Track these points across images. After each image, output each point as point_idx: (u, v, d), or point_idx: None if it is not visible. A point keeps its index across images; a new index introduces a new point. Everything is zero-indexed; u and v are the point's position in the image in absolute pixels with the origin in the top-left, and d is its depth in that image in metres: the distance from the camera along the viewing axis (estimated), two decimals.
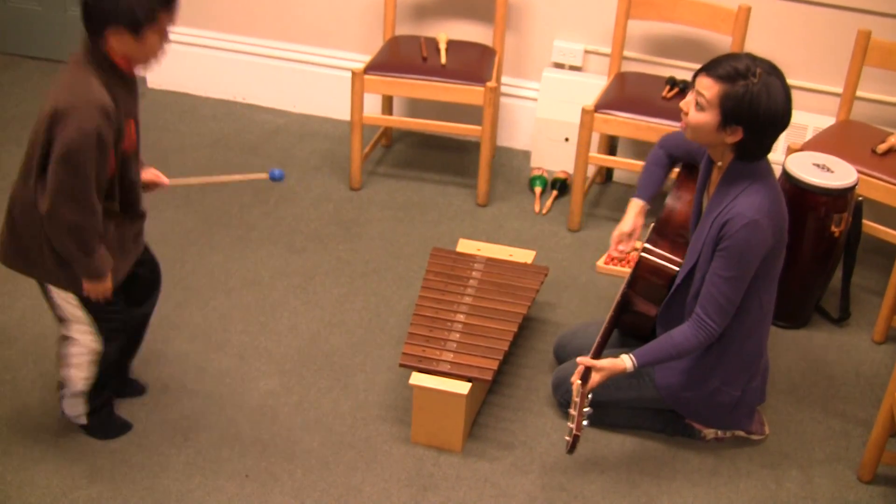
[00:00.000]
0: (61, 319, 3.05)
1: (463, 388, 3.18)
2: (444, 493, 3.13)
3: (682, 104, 3.01)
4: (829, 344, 3.91)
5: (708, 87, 2.91)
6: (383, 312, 3.90)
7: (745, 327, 3.14)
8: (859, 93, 4.35)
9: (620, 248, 3.47)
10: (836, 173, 3.74)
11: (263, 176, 3.31)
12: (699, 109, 2.94)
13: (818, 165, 3.78)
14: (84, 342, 3.07)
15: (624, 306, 3.38)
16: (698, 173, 3.29)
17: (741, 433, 3.38)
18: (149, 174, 3.16)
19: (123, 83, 2.84)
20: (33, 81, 5.48)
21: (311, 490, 3.11)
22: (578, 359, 3.10)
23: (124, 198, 2.96)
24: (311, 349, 3.66)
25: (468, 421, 3.30)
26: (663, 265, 3.28)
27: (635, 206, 3.49)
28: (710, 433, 3.37)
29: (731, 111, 2.88)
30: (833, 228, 3.74)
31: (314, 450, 3.25)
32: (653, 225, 3.41)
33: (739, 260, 2.97)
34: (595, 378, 3.08)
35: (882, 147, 4.01)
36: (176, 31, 5.29)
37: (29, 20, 5.60)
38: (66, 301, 3.00)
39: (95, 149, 2.70)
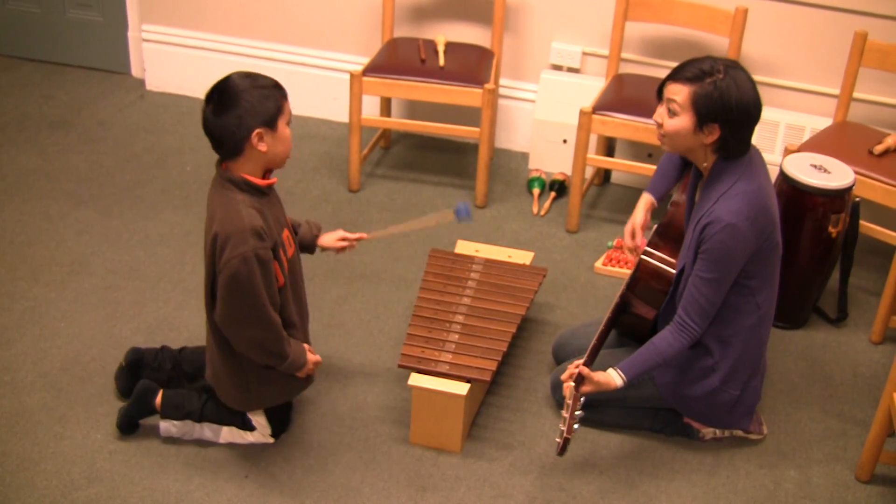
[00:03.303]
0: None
1: (462, 388, 3.18)
2: (443, 493, 3.13)
3: (655, 116, 3.05)
4: (827, 344, 3.91)
5: (677, 92, 2.95)
6: (382, 314, 3.90)
7: (746, 328, 3.14)
8: (856, 94, 4.36)
9: (635, 241, 3.46)
10: (833, 174, 3.75)
11: (450, 216, 3.43)
12: (673, 116, 2.98)
13: (815, 166, 3.79)
14: (256, 441, 3.27)
15: (622, 308, 3.38)
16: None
17: (739, 433, 3.39)
18: (337, 243, 3.38)
19: (264, 198, 2.97)
20: (32, 84, 5.49)
21: (311, 491, 3.11)
22: (576, 366, 3.10)
23: (297, 301, 3.15)
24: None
25: (467, 421, 3.30)
26: (663, 269, 3.29)
27: (644, 200, 3.49)
28: (708, 433, 3.38)
29: (704, 109, 2.92)
30: (830, 229, 3.75)
31: (313, 450, 3.25)
32: (655, 227, 3.41)
33: (718, 263, 2.99)
34: (585, 388, 3.09)
35: (879, 148, 4.02)
36: (175, 34, 5.33)
37: (28, 22, 5.61)
38: (255, 417, 3.23)
39: (259, 270, 2.84)
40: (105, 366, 3.48)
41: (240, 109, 2.82)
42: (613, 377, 3.11)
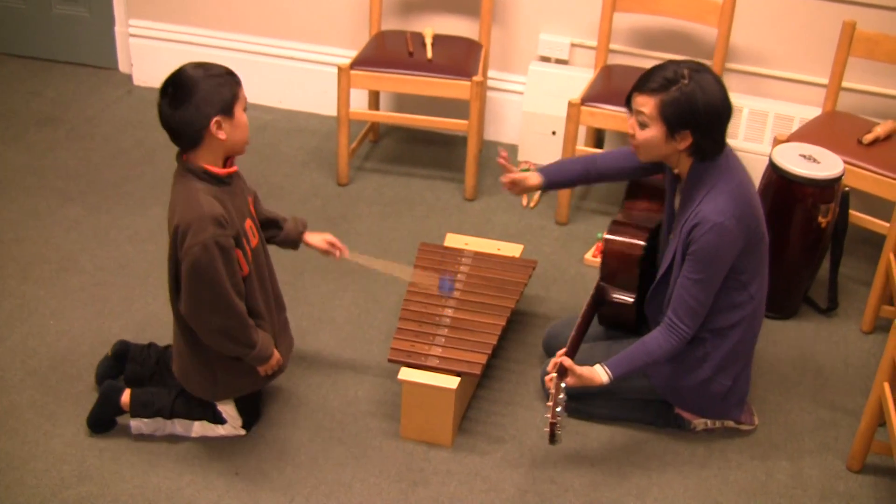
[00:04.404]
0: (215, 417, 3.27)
1: (452, 382, 3.18)
2: (434, 487, 3.13)
3: (629, 128, 3.05)
4: (818, 334, 3.92)
5: (644, 104, 2.95)
6: (372, 308, 3.89)
7: (741, 319, 3.14)
8: (845, 83, 4.36)
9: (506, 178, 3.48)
10: (822, 164, 3.75)
11: (434, 285, 3.54)
12: (643, 127, 2.99)
13: (805, 156, 3.79)
14: (228, 434, 3.27)
15: (599, 300, 3.39)
16: (643, 191, 3.40)
17: (731, 424, 3.39)
18: (323, 243, 3.40)
19: (225, 187, 2.97)
20: (19, 80, 5.47)
21: (301, 486, 3.10)
22: (560, 359, 3.09)
23: (263, 291, 3.15)
24: (300, 345, 3.64)
25: (458, 415, 3.30)
26: (628, 243, 3.32)
27: (535, 175, 3.47)
28: (699, 424, 3.38)
29: (673, 118, 2.92)
30: (820, 219, 3.75)
31: (304, 446, 3.25)
32: (611, 221, 3.42)
33: (707, 263, 2.99)
34: (570, 381, 3.09)
35: (868, 137, 4.02)
36: (162, 29, 5.31)
37: (14, 18, 5.59)
38: (224, 408, 3.24)
39: (220, 257, 2.85)
40: (94, 363, 3.46)
41: (196, 99, 2.82)
42: (600, 373, 3.11)
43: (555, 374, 3.05)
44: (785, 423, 3.47)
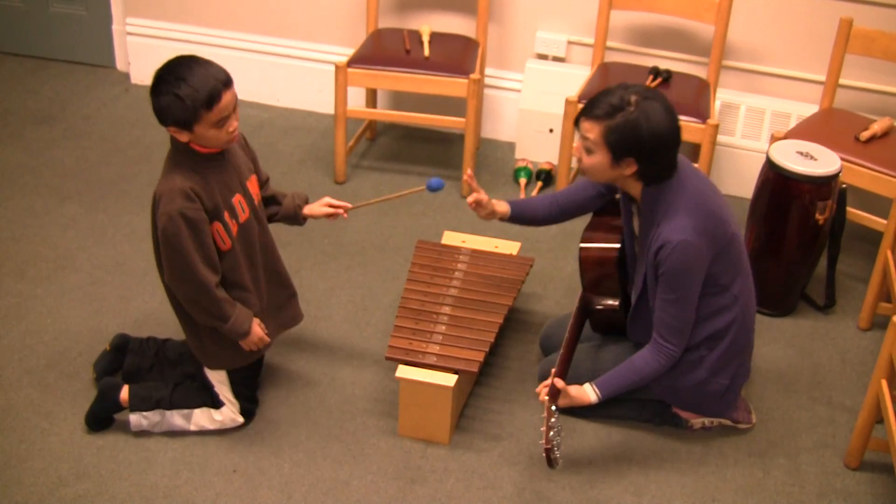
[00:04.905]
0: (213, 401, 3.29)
1: (449, 380, 3.17)
2: (432, 485, 3.13)
3: (575, 151, 3.05)
4: (815, 331, 3.92)
5: (590, 129, 2.94)
6: (369, 306, 3.89)
7: (729, 322, 3.14)
8: (842, 80, 4.36)
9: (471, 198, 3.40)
10: (819, 161, 3.75)
11: (421, 188, 3.44)
12: (588, 153, 2.98)
13: (802, 153, 3.79)
14: (226, 420, 3.29)
15: (586, 311, 3.38)
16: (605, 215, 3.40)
17: (728, 422, 3.39)
18: (323, 209, 3.40)
19: (210, 163, 3.01)
20: (16, 78, 5.47)
21: (299, 484, 3.10)
22: (553, 379, 3.09)
23: (252, 266, 3.19)
24: (298, 343, 3.65)
25: (455, 413, 3.30)
26: (604, 248, 3.31)
27: (504, 204, 3.43)
28: (697, 422, 3.38)
29: (617, 145, 2.90)
30: (817, 216, 3.75)
31: (301, 444, 3.25)
32: (583, 230, 3.42)
33: (680, 282, 2.99)
34: (561, 403, 3.09)
35: (865, 134, 4.02)
36: (159, 27, 5.31)
37: (11, 16, 5.59)
38: (221, 391, 3.27)
39: (186, 229, 2.91)
40: (92, 361, 3.46)
41: (159, 102, 2.88)
42: (588, 393, 3.12)
43: (546, 399, 3.05)
44: (782, 421, 3.47)
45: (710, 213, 3.00)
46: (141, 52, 5.41)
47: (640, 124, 2.86)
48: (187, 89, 2.84)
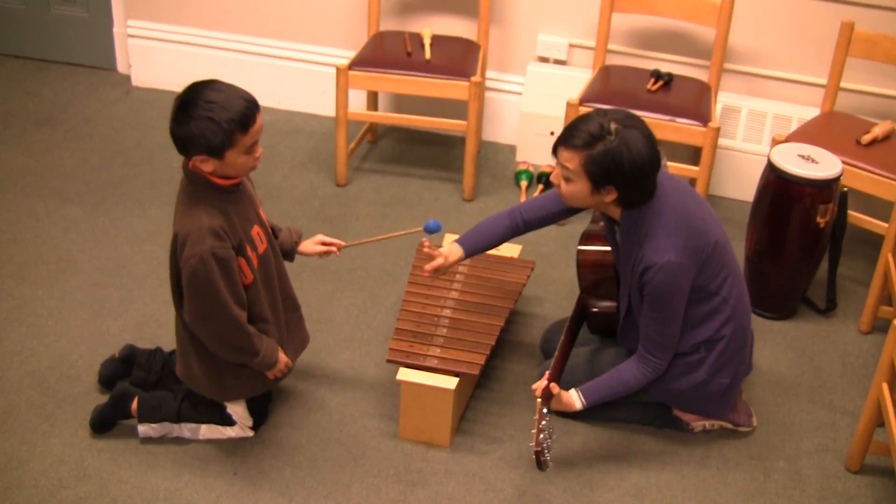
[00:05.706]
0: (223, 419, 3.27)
1: (450, 383, 3.17)
2: (432, 488, 3.13)
3: (552, 178, 3.02)
4: (816, 335, 3.92)
5: (569, 159, 2.91)
6: (370, 309, 3.89)
7: (722, 323, 3.14)
8: (843, 84, 4.36)
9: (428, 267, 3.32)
10: (820, 164, 3.75)
11: (419, 229, 3.36)
12: (567, 181, 2.96)
13: (803, 157, 3.79)
14: (235, 435, 3.27)
15: (583, 314, 3.38)
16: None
17: (729, 425, 3.39)
18: (317, 247, 3.35)
19: (230, 196, 2.93)
20: (17, 80, 5.47)
21: (300, 487, 3.10)
22: (549, 383, 3.08)
23: (270, 296, 3.13)
24: None
25: (456, 416, 3.30)
26: (601, 251, 3.33)
27: (455, 250, 3.32)
28: (698, 425, 3.38)
29: (596, 175, 2.88)
30: (818, 219, 3.75)
31: (302, 446, 3.24)
32: (581, 234, 3.43)
33: (664, 301, 3.00)
34: (553, 406, 3.10)
35: (866, 138, 4.02)
36: (161, 29, 5.31)
37: (12, 18, 5.58)
38: (235, 408, 3.24)
39: (217, 269, 2.84)
40: (93, 363, 3.46)
41: (186, 131, 2.76)
42: (574, 399, 3.14)
43: (539, 401, 3.05)
44: (783, 424, 3.47)
45: (691, 228, 3.00)
46: (142, 54, 5.41)
47: (620, 153, 2.83)
48: (222, 112, 2.73)
